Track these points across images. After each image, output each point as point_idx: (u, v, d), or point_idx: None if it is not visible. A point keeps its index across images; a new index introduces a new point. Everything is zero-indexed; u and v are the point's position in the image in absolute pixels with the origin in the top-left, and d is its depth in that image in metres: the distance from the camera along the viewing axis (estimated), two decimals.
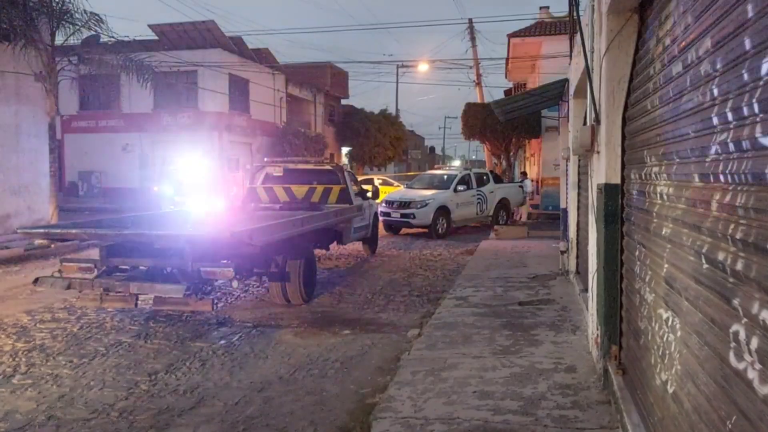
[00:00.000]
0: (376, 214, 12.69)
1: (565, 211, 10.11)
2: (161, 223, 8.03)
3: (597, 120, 4.66)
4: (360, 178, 24.85)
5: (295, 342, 6.08)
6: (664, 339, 2.97)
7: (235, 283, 6.20)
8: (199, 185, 17.81)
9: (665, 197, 3.08)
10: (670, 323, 2.88)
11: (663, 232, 3.09)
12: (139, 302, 6.48)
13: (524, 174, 21.80)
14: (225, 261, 6.12)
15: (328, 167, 11.08)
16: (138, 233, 6.43)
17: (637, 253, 3.78)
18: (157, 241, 6.16)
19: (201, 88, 24.59)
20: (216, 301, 7.59)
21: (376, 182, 26.99)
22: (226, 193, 19.26)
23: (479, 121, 22.79)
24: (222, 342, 6.09)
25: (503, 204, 17.88)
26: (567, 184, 9.65)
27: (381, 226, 15.08)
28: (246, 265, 6.42)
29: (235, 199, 14.41)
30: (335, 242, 10.43)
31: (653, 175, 3.34)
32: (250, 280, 8.32)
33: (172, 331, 6.48)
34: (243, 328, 6.58)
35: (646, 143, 3.58)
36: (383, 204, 15.89)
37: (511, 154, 25.36)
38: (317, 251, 10.92)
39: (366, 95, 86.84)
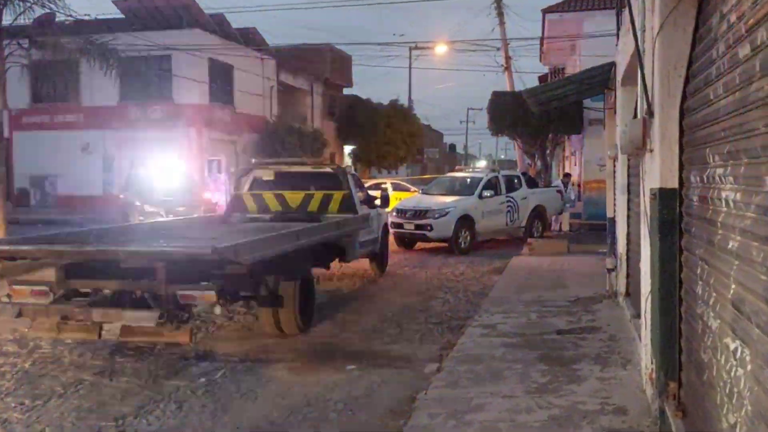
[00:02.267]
0: (385, 225, 12.72)
1: (612, 220, 10.10)
2: (129, 238, 8.11)
3: (649, 112, 4.69)
4: (368, 184, 24.84)
5: (290, 379, 6.10)
6: (732, 374, 2.98)
7: (217, 309, 6.23)
8: (175, 192, 17.95)
9: (732, 204, 3.10)
10: (738, 355, 2.89)
11: (729, 246, 3.11)
12: (103, 332, 6.51)
13: (568, 176, 21.72)
14: (206, 283, 6.16)
15: (328, 170, 11.14)
16: (102, 250, 6.49)
17: (698, 270, 3.78)
18: (125, 259, 6.21)
19: (176, 76, 24.86)
20: (195, 330, 7.60)
21: (388, 187, 27.03)
22: (206, 201, 19.39)
23: (509, 113, 22.84)
24: (202, 380, 6.11)
25: (538, 213, 17.89)
26: (615, 188, 9.65)
27: (392, 239, 15.11)
28: (231, 288, 6.45)
29: (217, 209, 14.52)
30: (337, 260, 10.44)
31: (717, 178, 3.36)
32: (235, 306, 8.33)
33: (143, 366, 6.51)
34: (227, 363, 6.60)
35: (708, 140, 3.60)
36: (394, 213, 15.93)
37: (548, 152, 25.39)
38: (316, 270, 10.92)
39: (373, 83, 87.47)
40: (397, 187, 27.92)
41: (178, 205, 16.63)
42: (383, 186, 22.52)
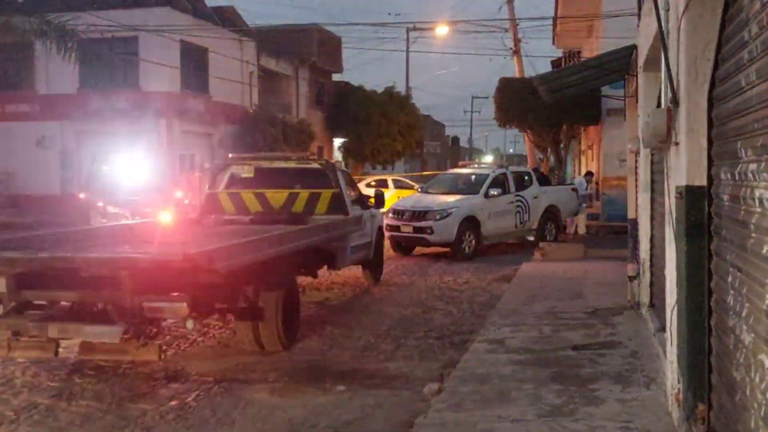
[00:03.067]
0: (380, 228, 12.73)
1: (634, 222, 10.12)
2: (91, 243, 8.08)
3: (674, 101, 4.71)
4: (368, 180, 24.83)
5: (272, 402, 6.08)
6: None
7: (190, 324, 6.20)
8: (142, 191, 17.92)
9: (766, 203, 3.12)
10: None
11: (764, 251, 3.12)
12: (60, 350, 6.50)
13: (590, 174, 21.86)
14: (176, 294, 6.16)
15: (315, 165, 11.13)
16: (58, 257, 6.45)
17: (730, 278, 3.80)
18: (85, 267, 6.19)
19: (143, 61, 24.81)
20: (164, 347, 7.58)
21: (390, 183, 26.91)
22: (178, 201, 19.35)
23: (518, 102, 22.91)
24: (173, 403, 6.09)
25: (551, 213, 17.93)
26: (637, 186, 9.68)
27: (387, 244, 15.12)
28: (204, 299, 6.44)
29: (190, 210, 14.49)
30: (326, 267, 10.43)
31: (750, 175, 3.38)
32: (210, 320, 8.29)
33: (105, 388, 6.49)
34: (201, 385, 6.58)
35: (739, 132, 3.62)
36: (390, 214, 15.95)
37: (561, 146, 25.46)
38: (301, 279, 10.91)
39: (366, 69, 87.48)
40: (399, 185, 27.96)
41: (145, 206, 16.58)
42: (389, 183, 22.37)
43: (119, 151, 20.97)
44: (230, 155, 12.06)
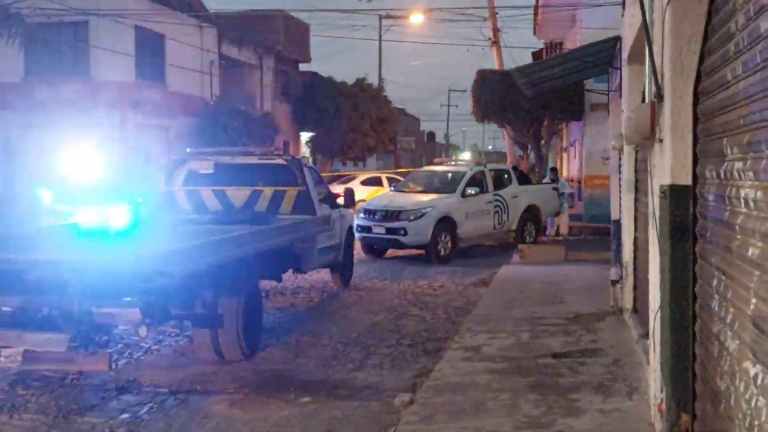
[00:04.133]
0: (350, 228, 12.73)
1: (617, 223, 10.24)
2: (35, 244, 7.97)
3: (659, 95, 4.77)
4: (362, 178, 24.67)
5: (232, 415, 6.06)
6: (752, 404, 3.04)
7: (143, 331, 6.15)
8: (92, 188, 17.70)
9: (752, 204, 3.16)
10: (759, 381, 2.95)
11: (749, 254, 3.17)
12: (1, 359, 6.40)
13: (554, 171, 21.97)
14: (128, 298, 6.10)
15: (280, 161, 11.09)
16: (0, 258, 6.36)
17: (714, 282, 3.86)
18: (29, 269, 6.12)
19: (95, 48, 24.49)
20: (116, 356, 7.51)
21: (384, 181, 26.65)
22: (131, 199, 19.14)
23: (497, 96, 23.06)
24: (125, 416, 6.05)
25: (531, 214, 18.09)
26: (620, 185, 9.79)
27: (358, 246, 15.11)
28: (159, 305, 6.40)
29: (144, 209, 14.33)
30: (291, 270, 10.41)
31: (736, 173, 3.42)
32: (165, 327, 8.26)
33: (51, 400, 6.42)
34: (155, 396, 6.54)
35: (725, 128, 3.67)
36: (361, 214, 15.95)
37: (542, 143, 25.68)
38: (264, 283, 10.86)
39: (336, 58, 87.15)
40: (370, 183, 27.94)
41: (95, 204, 16.39)
42: (383, 180, 21.94)
43: (68, 145, 20.69)
44: (188, 150, 11.98)
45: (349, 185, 30.38)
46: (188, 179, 10.98)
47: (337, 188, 16.12)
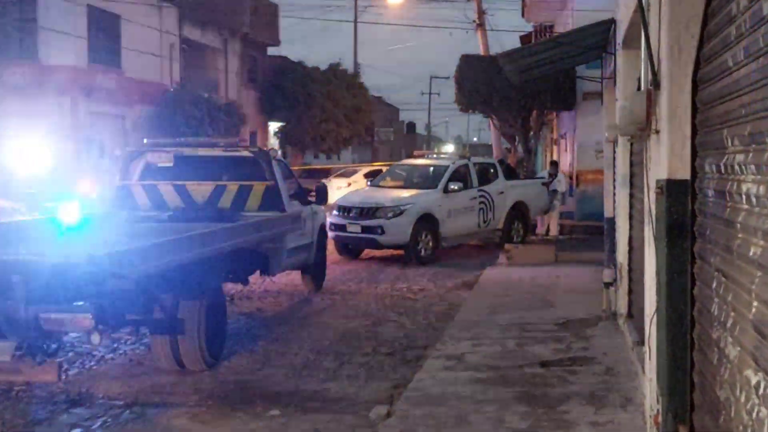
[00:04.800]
0: (323, 227, 12.71)
1: (612, 221, 10.30)
2: None
3: (655, 82, 4.79)
4: (366, 170, 24.48)
5: (193, 429, 6.03)
6: (754, 415, 3.06)
7: (96, 338, 6.10)
8: (41, 183, 17.54)
9: (754, 200, 3.18)
10: (762, 391, 2.97)
11: (751, 253, 3.19)
12: None
13: (555, 164, 21.95)
14: (80, 303, 6.05)
15: (246, 154, 11.05)
16: None
17: (714, 285, 3.88)
18: None
19: (43, 29, 24.23)
20: (66, 366, 7.43)
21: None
22: (83, 194, 18.99)
23: (482, 83, 23.10)
24: (76, 431, 6.01)
25: (519, 211, 18.16)
26: (615, 180, 9.85)
27: (331, 246, 15.08)
28: (114, 310, 6.36)
29: (97, 205, 14.22)
30: (258, 272, 10.38)
31: (737, 167, 3.44)
32: (120, 333, 8.16)
33: None
34: (109, 409, 6.50)
35: (726, 118, 3.70)
36: (335, 212, 15.93)
37: (531, 134, 25.77)
38: (229, 286, 10.79)
39: (307, 42, 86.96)
40: (372, 177, 27.76)
41: (45, 200, 16.23)
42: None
43: (13, 135, 20.47)
44: (146, 141, 11.89)
45: (352, 178, 30.35)
46: (146, 173, 10.90)
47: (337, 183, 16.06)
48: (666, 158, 4.56)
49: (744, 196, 3.33)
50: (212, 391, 7.03)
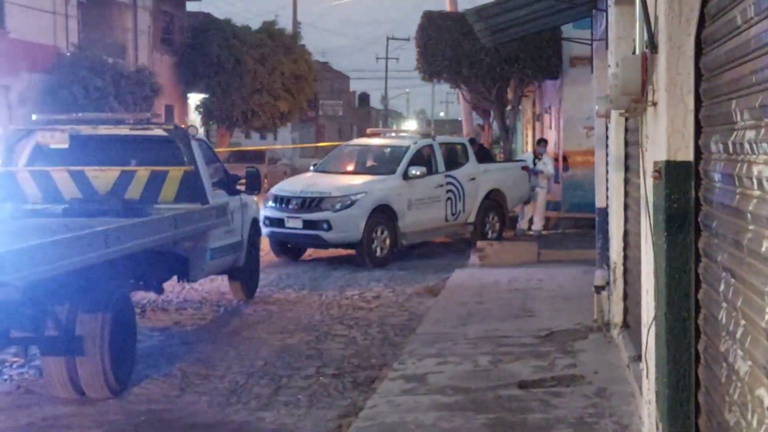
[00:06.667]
0: (255, 222, 12.67)
1: (604, 212, 10.38)
2: None
3: (652, 45, 4.84)
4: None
5: None
6: None
7: None
8: None
9: (766, 185, 3.23)
10: None
11: (763, 249, 3.22)
12: None
13: (543, 142, 21.76)
14: None
15: (160, 132, 10.96)
16: None
17: (722, 287, 3.92)
18: None
19: None
20: None
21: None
22: None
23: (449, 46, 23.15)
24: None
25: (494, 201, 18.24)
26: (607, 162, 9.94)
27: (266, 244, 15.01)
28: None
29: None
30: (176, 278, 10.34)
31: (747, 145, 3.48)
32: (5, 354, 8.12)
33: None
34: None
35: (734, 87, 3.74)
36: (270, 203, 15.87)
37: (508, 108, 25.91)
38: (139, 296, 10.69)
39: None
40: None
41: None
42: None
43: None
44: (35, 117, 11.73)
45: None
46: (35, 156, 10.78)
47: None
48: (665, 136, 4.60)
49: (755, 180, 3.36)
50: (120, 423, 6.98)
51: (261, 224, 13.83)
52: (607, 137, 10.05)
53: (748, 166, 3.47)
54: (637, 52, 5.38)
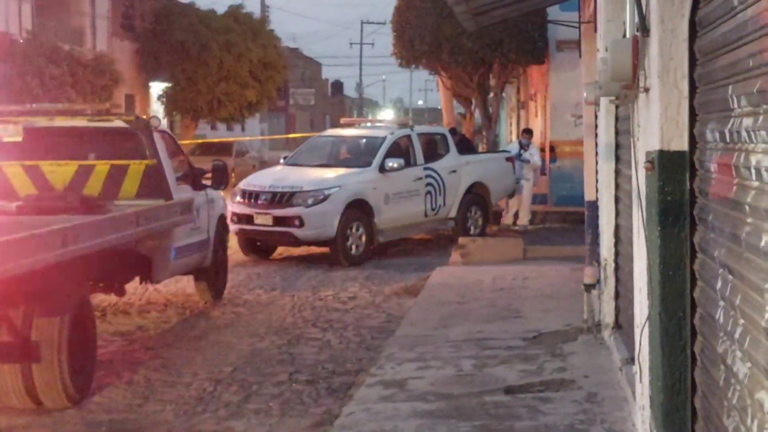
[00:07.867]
0: (222, 218, 12.65)
1: (594, 206, 10.41)
2: None
3: (643, 27, 4.85)
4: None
5: None
6: None
7: None
8: None
9: (765, 175, 3.23)
10: None
11: (762, 243, 3.23)
12: None
13: (529, 132, 21.85)
14: None
15: (120, 124, 10.91)
16: None
17: (719, 284, 3.93)
18: None
19: None
20: None
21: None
22: None
23: (428, 30, 23.16)
24: None
25: (478, 195, 18.28)
26: (597, 152, 9.96)
27: (234, 242, 14.97)
28: None
29: None
30: (138, 279, 10.32)
31: (744, 133, 3.49)
32: None
33: None
34: None
35: (731, 72, 3.74)
36: (238, 199, 15.83)
37: (491, 95, 25.95)
38: (99, 298, 10.64)
39: None
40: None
41: None
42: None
43: None
44: None
45: None
46: None
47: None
48: (658, 124, 4.61)
49: (753, 171, 3.36)
50: None
51: (228, 221, 13.78)
52: (596, 126, 10.08)
53: (745, 155, 3.48)
54: (628, 35, 5.39)
